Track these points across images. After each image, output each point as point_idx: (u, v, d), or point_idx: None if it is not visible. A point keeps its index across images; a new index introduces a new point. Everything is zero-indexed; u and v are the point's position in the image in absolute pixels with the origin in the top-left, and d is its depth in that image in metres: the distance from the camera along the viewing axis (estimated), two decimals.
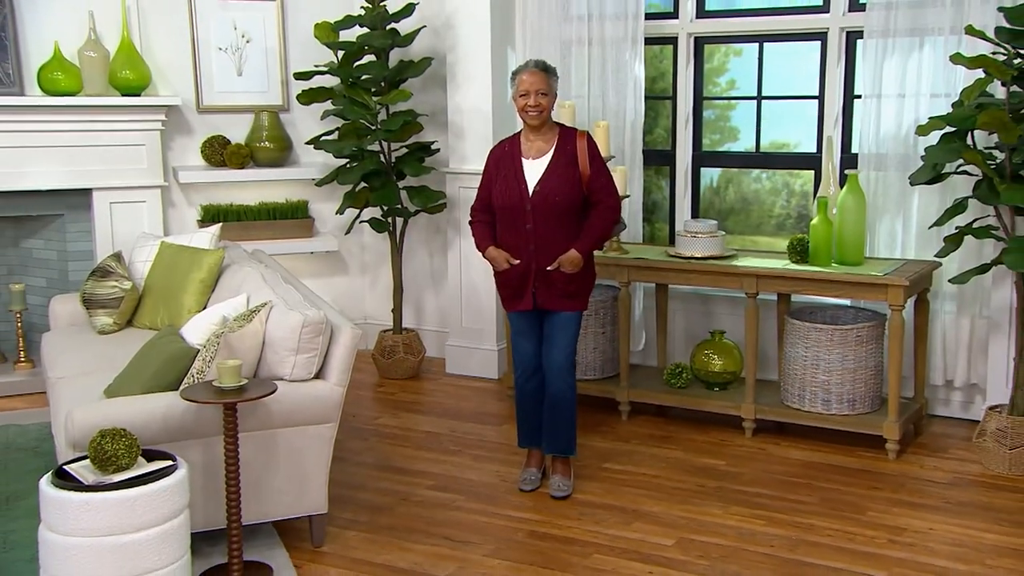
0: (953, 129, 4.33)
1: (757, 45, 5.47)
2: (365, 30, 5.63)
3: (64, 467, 3.22)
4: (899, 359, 4.53)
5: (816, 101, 5.31)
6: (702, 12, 5.51)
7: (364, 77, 5.59)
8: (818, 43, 5.26)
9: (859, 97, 5.10)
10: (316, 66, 5.72)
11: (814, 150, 5.35)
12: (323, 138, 5.73)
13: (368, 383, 5.85)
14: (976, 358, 4.88)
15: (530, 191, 4.09)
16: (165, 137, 5.83)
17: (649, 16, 5.50)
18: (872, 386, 4.73)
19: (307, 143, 5.85)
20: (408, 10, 5.57)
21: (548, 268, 4.10)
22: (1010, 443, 4.33)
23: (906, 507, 4.08)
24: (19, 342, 5.73)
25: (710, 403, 5.01)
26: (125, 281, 4.84)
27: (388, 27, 5.58)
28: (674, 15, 5.54)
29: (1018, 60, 4.12)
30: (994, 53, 4.15)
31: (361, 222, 5.92)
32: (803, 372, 4.76)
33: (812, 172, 5.41)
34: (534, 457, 4.37)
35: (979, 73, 4.33)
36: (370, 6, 5.54)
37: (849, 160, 5.17)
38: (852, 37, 5.16)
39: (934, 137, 4.53)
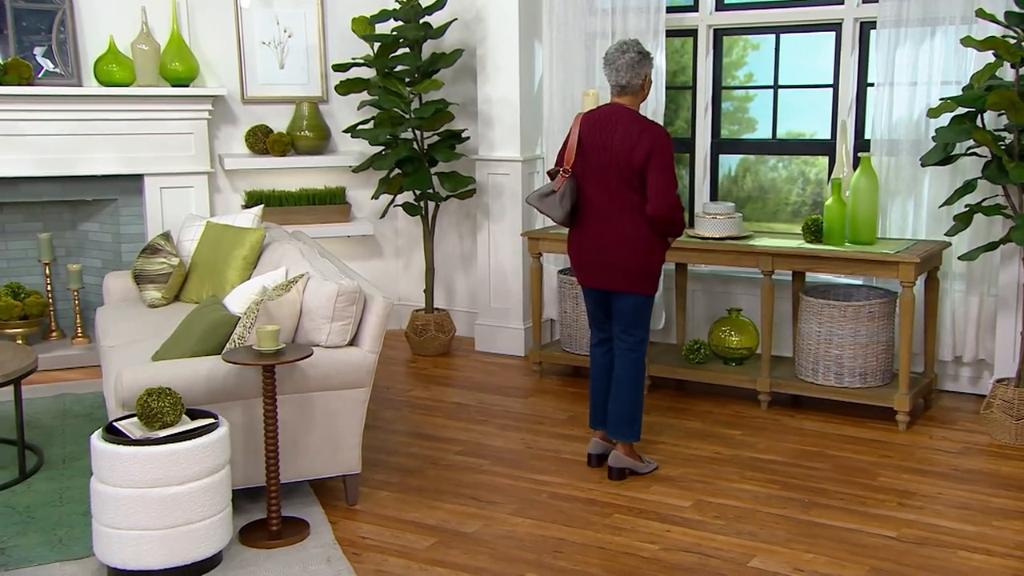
0: (964, 111, 4.26)
1: (774, 36, 5.40)
2: (399, 23, 5.62)
3: (114, 423, 3.25)
4: (909, 333, 4.46)
5: (831, 90, 5.24)
6: (721, 5, 5.46)
7: (398, 68, 5.60)
8: (832, 34, 5.20)
9: (872, 85, 5.03)
10: (353, 58, 5.73)
11: (829, 138, 5.29)
12: (360, 127, 5.73)
13: (401, 359, 5.86)
14: (984, 334, 4.80)
15: None
16: (212, 126, 5.86)
17: (670, 9, 5.46)
18: (883, 360, 4.66)
19: (344, 131, 5.86)
20: (440, 4, 5.56)
21: None
22: (1016, 414, 4.25)
23: (915, 474, 4.01)
24: (76, 319, 5.78)
25: (727, 377, 4.96)
26: (173, 258, 4.87)
27: (421, 20, 5.57)
28: (694, 8, 5.50)
29: None
30: (1004, 36, 4.07)
31: (395, 206, 5.92)
32: (816, 347, 4.70)
33: (826, 160, 5.35)
34: None
35: (989, 59, 4.26)
36: (404, 0, 5.53)
37: (862, 146, 5.11)
38: (866, 27, 5.09)
39: (945, 120, 4.46)
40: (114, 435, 3.16)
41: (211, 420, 3.27)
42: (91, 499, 3.17)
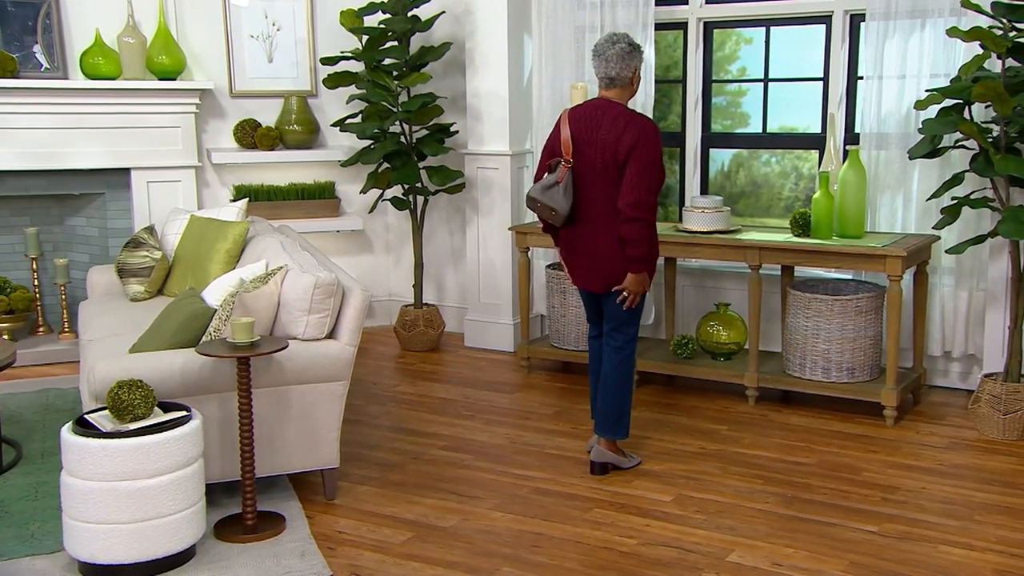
0: (951, 103, 4.21)
1: (764, 29, 5.35)
2: (387, 16, 5.58)
3: (85, 416, 3.21)
4: (897, 327, 4.41)
5: (821, 83, 5.19)
6: None
7: (386, 61, 5.56)
8: (823, 26, 5.15)
9: (862, 78, 4.98)
10: (342, 52, 5.69)
11: (820, 132, 5.24)
12: (348, 120, 5.69)
13: (390, 355, 5.82)
14: (974, 329, 4.75)
15: None
16: (199, 120, 5.83)
17: (660, 2, 5.40)
18: (871, 355, 4.61)
19: (332, 125, 5.82)
20: None
21: None
22: (1004, 409, 4.20)
23: (901, 469, 3.97)
24: (63, 314, 5.75)
25: (715, 372, 4.92)
26: (156, 251, 4.84)
27: (409, 13, 5.53)
28: (684, 1, 5.44)
29: (1013, 33, 3.98)
30: (990, 27, 4.01)
31: (384, 201, 5.88)
32: (804, 341, 4.65)
33: (818, 153, 5.29)
34: None
35: (978, 51, 4.20)
36: None
37: (852, 140, 5.05)
38: (856, 20, 5.04)
39: (933, 112, 4.41)
40: (84, 428, 3.13)
41: (183, 413, 3.24)
42: (61, 492, 3.14)
